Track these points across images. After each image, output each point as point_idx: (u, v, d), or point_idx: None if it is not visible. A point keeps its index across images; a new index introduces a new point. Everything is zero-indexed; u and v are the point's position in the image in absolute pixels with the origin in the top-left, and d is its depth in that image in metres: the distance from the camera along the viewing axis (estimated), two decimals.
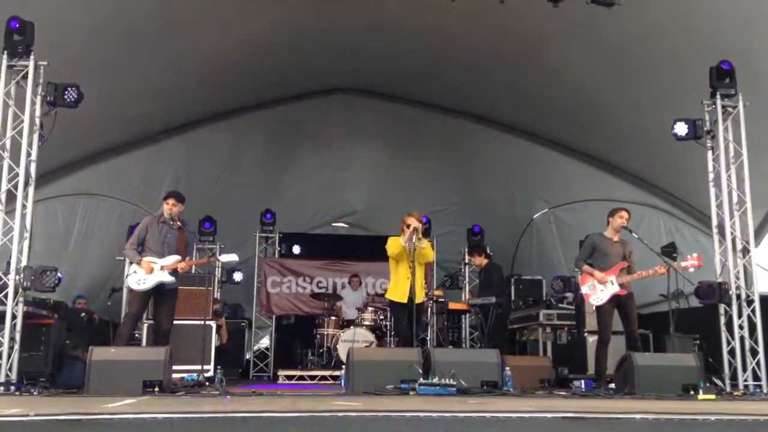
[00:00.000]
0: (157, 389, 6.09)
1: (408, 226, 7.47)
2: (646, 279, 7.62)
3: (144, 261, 7.28)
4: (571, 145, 11.68)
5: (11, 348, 6.64)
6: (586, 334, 8.92)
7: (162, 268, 7.30)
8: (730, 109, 7.97)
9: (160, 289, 7.37)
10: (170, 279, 7.35)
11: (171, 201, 7.45)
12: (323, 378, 10.07)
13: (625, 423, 3.93)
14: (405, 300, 7.39)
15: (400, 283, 7.51)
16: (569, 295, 10.14)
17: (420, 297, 7.52)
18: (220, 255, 8.19)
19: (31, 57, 6.99)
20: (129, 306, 7.72)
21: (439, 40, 9.93)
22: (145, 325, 8.88)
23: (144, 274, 7.25)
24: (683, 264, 7.49)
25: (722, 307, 7.74)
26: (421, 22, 9.54)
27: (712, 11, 7.81)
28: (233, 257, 7.89)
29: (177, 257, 7.38)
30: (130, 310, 7.54)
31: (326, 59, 10.87)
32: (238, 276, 12.65)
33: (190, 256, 7.67)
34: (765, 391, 7.36)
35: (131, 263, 7.48)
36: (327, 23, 9.64)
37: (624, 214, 7.72)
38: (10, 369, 6.61)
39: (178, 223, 7.50)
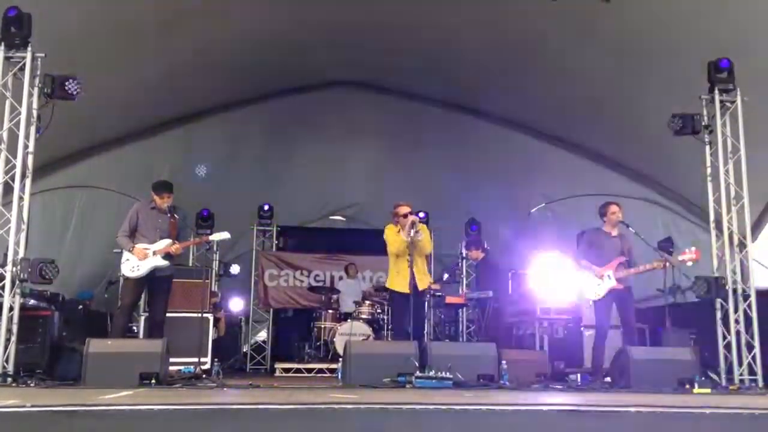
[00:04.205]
0: (153, 381, 6.10)
1: (405, 216, 7.44)
2: (643, 274, 7.64)
3: (136, 248, 7.28)
4: (570, 140, 11.68)
5: (8, 340, 6.64)
6: (582, 328, 8.94)
7: (154, 253, 7.30)
8: (728, 104, 7.96)
9: (154, 278, 7.37)
10: (164, 263, 7.35)
11: (166, 195, 7.44)
12: (320, 371, 10.10)
13: (621, 416, 3.93)
14: (408, 290, 7.36)
15: (402, 273, 7.46)
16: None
17: (424, 284, 7.46)
18: (211, 234, 8.15)
19: (29, 49, 6.96)
20: (122, 297, 7.72)
21: (438, 34, 9.90)
22: (142, 318, 8.90)
23: (137, 261, 7.25)
24: (680, 257, 7.51)
25: (718, 302, 7.75)
26: (420, 17, 9.52)
27: (711, 6, 7.81)
28: (225, 235, 7.83)
29: (169, 241, 7.38)
30: (124, 301, 7.54)
31: (325, 53, 10.84)
32: (235, 269, 12.66)
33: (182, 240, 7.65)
34: (760, 385, 7.38)
35: (124, 251, 7.47)
36: (326, 16, 9.61)
37: (615, 208, 7.72)
38: (6, 361, 6.61)
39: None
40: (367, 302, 10.73)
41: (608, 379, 7.25)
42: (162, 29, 8.65)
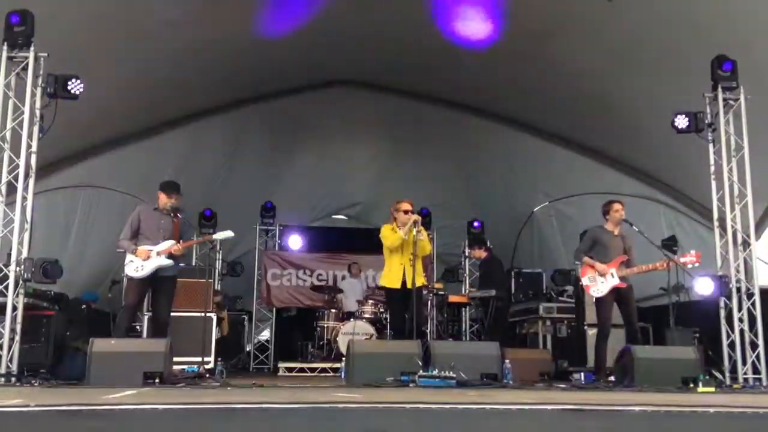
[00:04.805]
0: (157, 381, 6.12)
1: (406, 213, 7.45)
2: (647, 272, 7.62)
3: (139, 249, 7.27)
4: (572, 139, 11.66)
5: (12, 339, 6.65)
6: (585, 327, 8.93)
7: (158, 253, 7.30)
8: (731, 102, 7.94)
9: (157, 278, 7.36)
10: (167, 262, 7.33)
11: (174, 195, 7.44)
12: (323, 370, 10.10)
13: (624, 415, 3.93)
14: (398, 285, 7.40)
15: (393, 270, 7.50)
16: (569, 287, 10.15)
17: (418, 282, 7.43)
18: (214, 233, 8.14)
19: (32, 48, 6.97)
20: (125, 297, 7.72)
21: (440, 32, 9.89)
22: (146, 317, 8.91)
23: (141, 261, 7.25)
24: (682, 260, 7.48)
25: (722, 301, 7.74)
26: (421, 15, 9.51)
27: (714, 4, 7.79)
28: (228, 234, 7.78)
29: (172, 242, 7.37)
30: (127, 302, 7.53)
31: (327, 52, 10.83)
32: (238, 268, 12.68)
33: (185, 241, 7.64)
34: (765, 384, 7.37)
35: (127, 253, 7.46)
36: (326, 15, 9.61)
37: (618, 206, 7.71)
38: (10, 360, 6.63)
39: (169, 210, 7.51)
40: (370, 301, 10.74)
41: (612, 378, 7.24)
42: (165, 29, 8.65)
